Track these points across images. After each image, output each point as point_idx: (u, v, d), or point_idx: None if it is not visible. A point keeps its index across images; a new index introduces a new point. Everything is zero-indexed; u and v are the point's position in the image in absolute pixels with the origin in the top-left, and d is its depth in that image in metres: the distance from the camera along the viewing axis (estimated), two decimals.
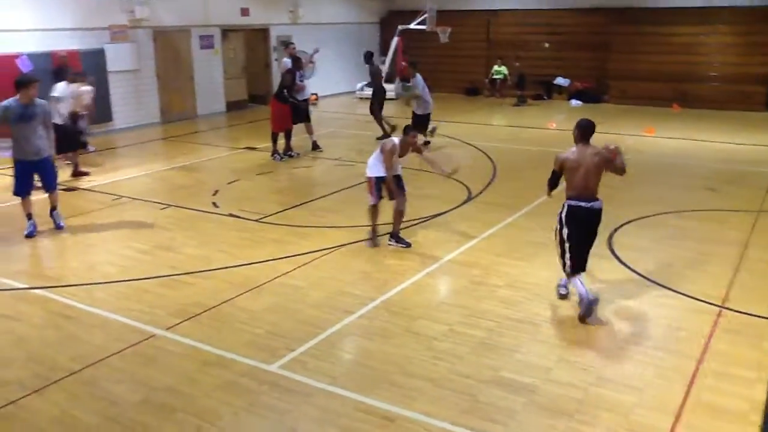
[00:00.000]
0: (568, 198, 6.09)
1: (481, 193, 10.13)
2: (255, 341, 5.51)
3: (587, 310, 5.77)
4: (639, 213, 8.94)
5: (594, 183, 6.05)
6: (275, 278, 6.84)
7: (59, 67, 12.28)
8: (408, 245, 7.76)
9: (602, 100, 20.52)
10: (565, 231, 6.04)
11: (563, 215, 6.07)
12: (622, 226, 8.43)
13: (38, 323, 5.88)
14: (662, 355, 5.31)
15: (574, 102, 20.43)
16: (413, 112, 13.41)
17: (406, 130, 7.78)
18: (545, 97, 21.42)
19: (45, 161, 8.34)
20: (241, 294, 6.45)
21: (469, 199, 9.82)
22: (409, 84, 13.57)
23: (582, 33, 21.11)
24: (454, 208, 9.33)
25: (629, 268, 7.09)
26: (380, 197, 7.69)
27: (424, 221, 8.72)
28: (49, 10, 13.82)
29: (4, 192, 10.28)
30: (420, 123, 12.97)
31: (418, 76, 13.23)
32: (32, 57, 13.54)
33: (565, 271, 6.12)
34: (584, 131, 6.12)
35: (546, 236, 8.04)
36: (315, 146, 13.20)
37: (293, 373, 5.02)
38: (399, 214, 7.78)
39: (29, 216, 8.34)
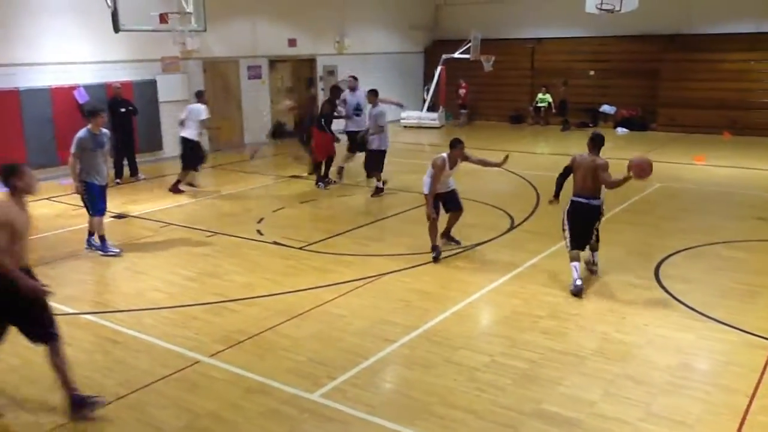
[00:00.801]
0: (573, 195, 7.45)
1: (524, 221, 10.06)
2: (297, 369, 5.54)
3: (575, 292, 7.00)
4: (687, 243, 8.75)
5: (591, 184, 7.23)
6: (318, 306, 6.89)
7: (200, 91, 13.25)
8: (458, 243, 8.72)
9: (649, 128, 20.24)
10: (568, 222, 7.43)
11: (567, 209, 7.44)
12: (669, 256, 8.26)
13: (87, 348, 6.03)
14: (712, 390, 5.16)
15: (620, 130, 20.20)
16: (368, 149, 12.01)
17: (454, 143, 8.24)
18: (591, 125, 21.21)
19: (106, 187, 8.84)
20: (285, 321, 6.51)
21: (512, 227, 9.75)
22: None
23: (629, 60, 20.93)
24: (497, 236, 9.28)
25: (677, 299, 6.93)
26: (438, 212, 8.40)
27: (467, 250, 8.69)
28: (104, 44, 14.35)
29: (57, 219, 10.66)
30: (375, 160, 11.87)
31: (380, 106, 11.99)
32: (88, 88, 14.07)
33: (568, 252, 7.36)
34: (594, 141, 7.42)
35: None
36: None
37: (334, 401, 5.03)
38: (455, 219, 8.71)
39: (103, 237, 8.75)
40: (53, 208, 11.39)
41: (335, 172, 13.03)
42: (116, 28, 13.01)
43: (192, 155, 12.30)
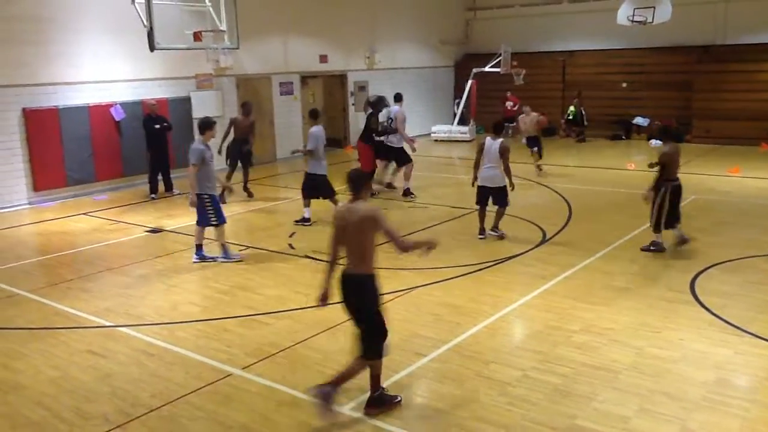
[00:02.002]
0: (668, 179, 8.85)
1: (556, 235, 9.98)
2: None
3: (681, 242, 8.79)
4: (724, 256, 8.60)
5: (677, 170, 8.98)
6: (348, 320, 6.88)
7: (378, 97, 13.75)
8: (503, 236, 9.66)
9: (683, 139, 19.95)
10: (666, 201, 8.78)
11: (666, 191, 8.81)
12: (706, 269, 8.12)
13: (122, 360, 6.13)
14: (750, 407, 5.04)
15: (654, 142, 19.90)
16: (305, 173, 11.19)
17: (497, 128, 9.73)
18: (624, 137, 21.02)
19: None
20: (316, 335, 6.54)
21: (544, 241, 9.68)
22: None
23: (662, 72, 20.69)
24: (529, 250, 9.22)
25: (714, 314, 6.80)
26: (486, 203, 9.60)
27: (498, 263, 8.65)
28: (140, 62, 14.67)
29: (93, 233, 10.87)
30: (314, 185, 10.98)
31: (315, 129, 11.01)
32: (124, 105, 14.38)
33: (658, 230, 8.85)
34: (674, 135, 8.86)
35: (625, 280, 7.87)
36: (406, 193, 13.04)
37: (365, 415, 5.02)
38: (501, 215, 9.77)
39: (224, 246, 9.09)
40: (90, 223, 11.63)
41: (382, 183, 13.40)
42: (152, 47, 13.29)
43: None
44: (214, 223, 9.00)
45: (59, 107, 13.49)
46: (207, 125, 8.97)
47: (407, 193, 13.01)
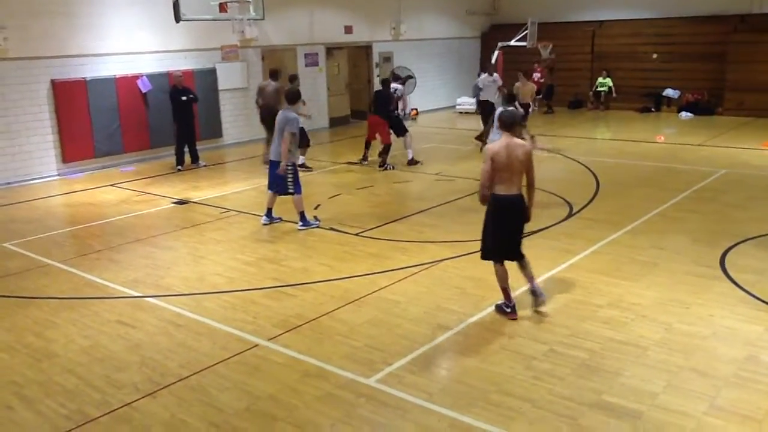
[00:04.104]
0: None
1: (583, 209, 9.86)
2: (353, 354, 5.59)
3: None
4: (756, 231, 8.43)
5: None
6: (374, 292, 6.92)
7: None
8: None
9: (715, 112, 19.55)
10: None
11: None
12: (736, 245, 7.98)
13: (151, 330, 6.22)
14: None
15: (684, 114, 19.58)
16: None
17: (510, 99, 9.99)
18: (653, 110, 20.63)
19: None
20: (341, 307, 6.57)
21: (571, 215, 9.58)
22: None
23: (695, 43, 20.18)
24: (555, 224, 9.13)
25: (744, 290, 6.69)
26: None
27: (524, 237, 8.55)
28: (166, 34, 14.68)
29: (122, 205, 10.99)
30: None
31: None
32: (150, 77, 14.43)
33: None
34: None
35: (653, 254, 7.77)
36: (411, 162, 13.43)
37: (390, 387, 5.05)
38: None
39: (303, 213, 9.25)
40: (117, 195, 11.76)
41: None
42: (177, 18, 13.29)
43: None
44: (291, 191, 9.13)
45: (87, 79, 13.57)
46: (299, 95, 9.37)
47: (412, 162, 13.35)
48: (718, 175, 11.69)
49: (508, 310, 6.23)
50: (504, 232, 6.23)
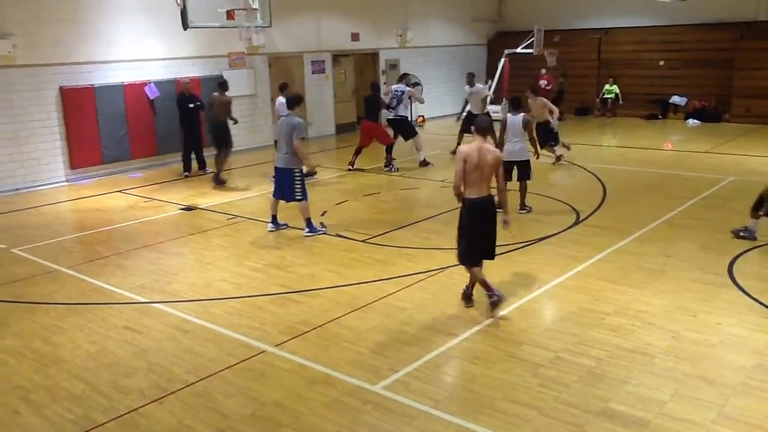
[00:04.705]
0: None
1: (590, 216, 9.85)
2: (360, 361, 5.59)
3: None
4: (764, 239, 8.40)
5: None
6: (381, 299, 6.92)
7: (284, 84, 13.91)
8: (530, 210, 9.92)
9: (722, 119, 19.50)
10: None
11: None
12: (744, 252, 7.95)
13: (158, 336, 6.23)
14: None
15: (691, 121, 19.55)
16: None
17: (515, 103, 9.84)
18: (660, 117, 20.60)
19: None
20: (348, 313, 6.57)
21: (578, 222, 9.56)
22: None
23: (702, 49, 20.16)
24: (562, 231, 9.12)
25: (752, 297, 6.66)
26: (510, 178, 9.41)
27: (531, 244, 8.57)
28: (174, 41, 14.75)
29: (129, 211, 11.03)
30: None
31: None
32: (158, 84, 14.50)
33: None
34: None
35: (660, 262, 7.75)
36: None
37: (396, 394, 5.05)
38: (525, 190, 9.97)
39: (309, 220, 9.30)
40: (125, 201, 11.81)
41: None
42: (185, 26, 13.34)
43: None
44: (299, 198, 9.16)
45: (95, 86, 13.65)
46: (300, 100, 9.53)
47: (425, 163, 13.85)
48: (725, 183, 11.66)
49: (494, 298, 6.38)
50: (478, 234, 6.41)
